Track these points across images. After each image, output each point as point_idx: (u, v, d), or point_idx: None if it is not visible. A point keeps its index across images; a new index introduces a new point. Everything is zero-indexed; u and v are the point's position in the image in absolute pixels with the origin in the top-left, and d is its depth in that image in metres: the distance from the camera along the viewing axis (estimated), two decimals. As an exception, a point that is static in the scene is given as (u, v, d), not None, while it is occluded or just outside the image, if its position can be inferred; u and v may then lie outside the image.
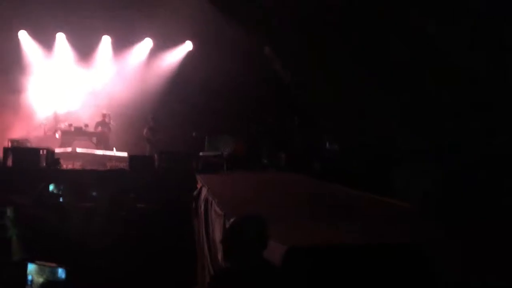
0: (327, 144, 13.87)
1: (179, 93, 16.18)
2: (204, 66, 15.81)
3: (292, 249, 3.75)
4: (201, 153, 13.17)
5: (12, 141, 13.04)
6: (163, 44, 16.97)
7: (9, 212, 7.41)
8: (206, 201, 7.52)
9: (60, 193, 9.02)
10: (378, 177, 9.98)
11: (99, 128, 15.14)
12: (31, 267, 6.16)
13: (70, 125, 14.85)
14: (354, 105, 12.51)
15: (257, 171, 11.73)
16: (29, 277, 6.13)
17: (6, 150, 11.08)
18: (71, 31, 16.21)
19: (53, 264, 6.13)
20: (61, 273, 6.02)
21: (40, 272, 6.12)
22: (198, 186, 9.47)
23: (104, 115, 15.44)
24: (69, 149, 13.67)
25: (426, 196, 8.17)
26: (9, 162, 10.85)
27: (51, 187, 9.42)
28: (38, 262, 6.17)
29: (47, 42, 16.36)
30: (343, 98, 12.78)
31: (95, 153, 14.01)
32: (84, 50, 16.45)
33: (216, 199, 6.63)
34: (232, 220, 3.57)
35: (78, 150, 13.65)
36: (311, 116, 13.99)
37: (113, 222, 8.23)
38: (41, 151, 11.12)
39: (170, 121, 15.60)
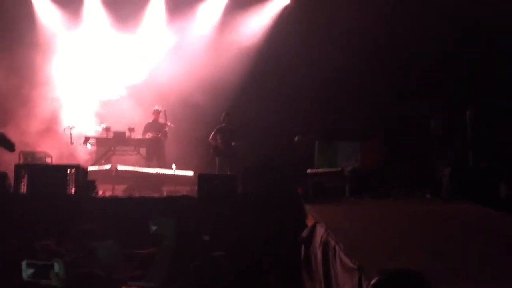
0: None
1: (270, 75, 16.41)
2: (312, 31, 15.88)
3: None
4: (309, 170, 13.09)
5: (25, 154, 13.74)
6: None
7: (57, 267, 7.83)
8: (325, 246, 7.51)
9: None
10: None
11: (150, 134, 15.63)
12: None
13: (108, 129, 15.47)
14: None
15: (402, 198, 11.44)
16: None
17: (18, 168, 11.65)
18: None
19: None
20: None
21: None
22: (310, 223, 9.51)
23: (157, 113, 15.94)
24: (107, 167, 14.23)
25: None
26: (23, 187, 11.45)
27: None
28: None
29: (71, 6, 17.33)
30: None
31: (146, 171, 14.47)
32: (126, 15, 17.20)
33: (343, 244, 6.60)
34: (375, 280, 3.46)
35: (121, 167, 14.15)
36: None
37: (179, 277, 8.42)
38: (68, 170, 11.65)
39: (258, 119, 15.76)
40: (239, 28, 17.55)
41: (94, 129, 16.02)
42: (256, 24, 17.61)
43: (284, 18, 17.35)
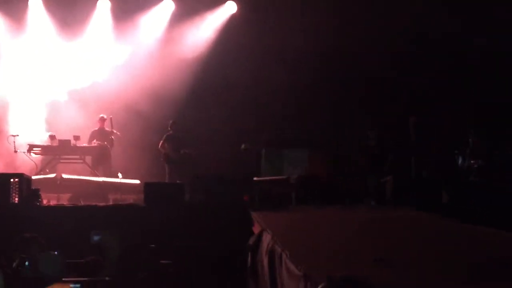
0: (460, 160, 13.75)
1: (217, 85, 16.49)
2: (257, 37, 16.08)
3: None
4: (256, 178, 13.13)
5: (-33, 164, 13.52)
6: (191, 6, 17.35)
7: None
8: (271, 253, 7.51)
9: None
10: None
11: (96, 142, 15.46)
12: None
13: (53, 137, 15.24)
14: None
15: (347, 205, 11.59)
16: None
17: (-41, 178, 11.40)
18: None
19: None
20: None
21: None
22: (256, 230, 9.52)
23: (102, 121, 15.78)
24: (52, 175, 13.98)
25: None
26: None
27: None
28: None
29: (16, 12, 17.05)
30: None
31: (91, 180, 14.29)
32: (71, 21, 17.05)
33: (288, 251, 6.61)
34: (322, 285, 3.51)
35: (66, 176, 13.96)
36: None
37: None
38: (11, 179, 11.46)
39: (204, 127, 15.77)
40: (185, 37, 17.54)
41: (38, 137, 15.74)
42: (203, 33, 17.63)
43: (231, 27, 17.43)
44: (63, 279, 8.09)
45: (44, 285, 7.98)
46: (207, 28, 17.68)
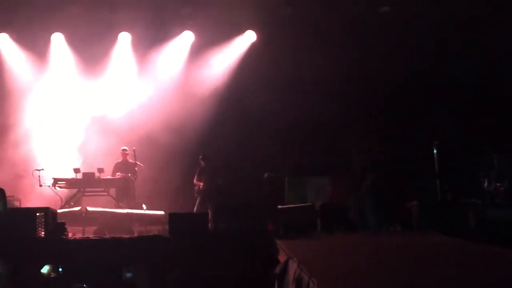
0: (486, 183, 13.69)
1: (238, 112, 16.51)
2: (276, 65, 16.13)
3: None
4: (279, 206, 13.06)
5: (-6, 199, 13.55)
6: (211, 36, 17.44)
7: None
8: (299, 282, 7.42)
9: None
10: None
11: (120, 174, 15.54)
12: None
13: (77, 170, 15.32)
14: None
15: (372, 232, 11.48)
16: None
17: (-14, 213, 11.47)
18: (73, 29, 17.03)
19: None
20: None
21: None
22: (282, 259, 9.43)
23: (125, 153, 15.89)
24: (77, 208, 14.02)
25: None
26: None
27: (45, 269, 9.70)
28: None
29: (38, 48, 17.31)
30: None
31: (116, 212, 14.31)
32: (93, 55, 17.25)
33: (316, 279, 6.53)
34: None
35: (90, 209, 13.98)
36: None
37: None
38: (37, 213, 11.46)
39: (227, 157, 15.77)
40: (206, 68, 17.67)
41: (62, 171, 15.80)
42: (223, 62, 17.73)
43: (253, 54, 17.52)
44: None
45: None
46: (227, 57, 17.76)
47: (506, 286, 5.70)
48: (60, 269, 9.58)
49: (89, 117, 17.44)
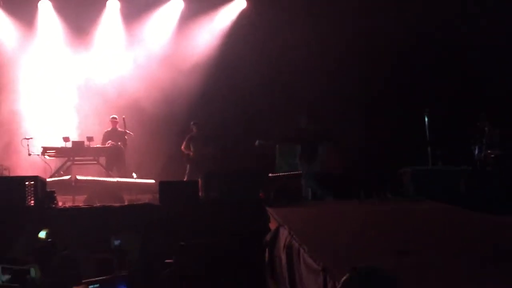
0: (476, 150, 13.73)
1: (227, 81, 16.48)
2: (267, 33, 15.97)
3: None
4: (271, 174, 13.07)
5: (-18, 168, 13.55)
6: (200, 4, 17.37)
7: (33, 272, 7.75)
8: (289, 249, 7.44)
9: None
10: None
11: (109, 142, 15.44)
12: None
13: (66, 138, 15.20)
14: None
15: (363, 199, 11.49)
16: None
17: (-26, 181, 11.44)
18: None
19: None
20: None
21: None
22: (272, 226, 9.45)
23: (114, 121, 15.75)
24: (66, 177, 13.99)
25: None
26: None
27: (42, 234, 9.70)
28: None
29: (25, 16, 17.16)
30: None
31: (106, 180, 14.28)
32: (80, 23, 17.18)
33: (306, 246, 6.54)
34: (346, 277, 3.42)
35: (80, 177, 13.96)
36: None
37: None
38: (26, 182, 11.45)
39: (218, 125, 15.73)
40: (195, 36, 17.58)
41: (52, 139, 15.72)
42: (213, 29, 17.66)
43: (243, 21, 17.46)
44: (83, 280, 8.11)
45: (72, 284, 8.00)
46: (216, 26, 17.70)
47: (495, 251, 5.72)
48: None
49: (78, 85, 17.33)
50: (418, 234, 7.12)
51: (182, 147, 15.28)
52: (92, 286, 7.94)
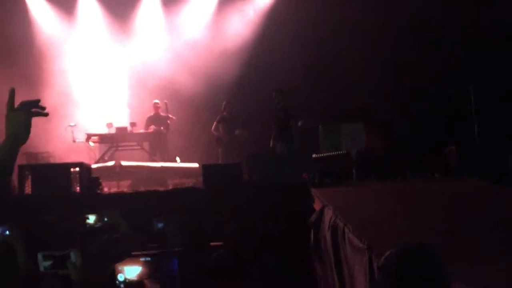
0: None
1: (267, 64, 16.41)
2: (310, 13, 15.96)
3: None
4: (314, 155, 13.03)
5: (29, 155, 13.71)
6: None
7: (73, 257, 7.89)
8: (334, 229, 7.46)
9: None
10: None
11: (152, 127, 15.56)
12: None
13: (110, 125, 15.42)
14: None
15: (409, 178, 11.38)
16: None
17: (22, 169, 11.47)
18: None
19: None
20: None
21: None
22: (317, 207, 9.45)
23: (157, 107, 15.87)
24: (111, 163, 14.18)
25: None
26: (27, 188, 11.38)
27: (91, 219, 9.81)
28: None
29: (66, 6, 17.47)
30: None
31: (150, 166, 14.44)
32: (120, 11, 17.46)
33: (351, 226, 6.57)
34: (385, 255, 3.38)
35: (125, 163, 14.12)
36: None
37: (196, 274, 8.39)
38: (71, 168, 11.62)
39: (256, 107, 15.73)
40: (235, 17, 17.75)
41: (96, 126, 15.95)
42: (248, 16, 17.87)
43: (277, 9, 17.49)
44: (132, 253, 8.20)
45: (116, 261, 8.08)
46: (252, 11, 17.85)
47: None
48: (106, 219, 9.66)
49: (120, 72, 17.55)
50: (465, 214, 7.05)
51: (212, 128, 15.20)
52: (143, 259, 8.02)
